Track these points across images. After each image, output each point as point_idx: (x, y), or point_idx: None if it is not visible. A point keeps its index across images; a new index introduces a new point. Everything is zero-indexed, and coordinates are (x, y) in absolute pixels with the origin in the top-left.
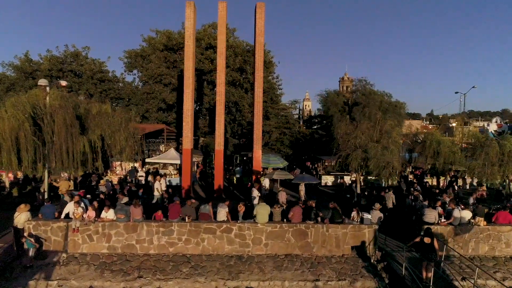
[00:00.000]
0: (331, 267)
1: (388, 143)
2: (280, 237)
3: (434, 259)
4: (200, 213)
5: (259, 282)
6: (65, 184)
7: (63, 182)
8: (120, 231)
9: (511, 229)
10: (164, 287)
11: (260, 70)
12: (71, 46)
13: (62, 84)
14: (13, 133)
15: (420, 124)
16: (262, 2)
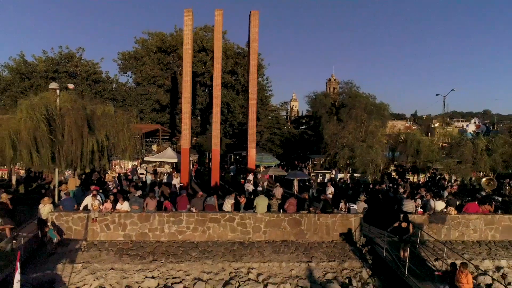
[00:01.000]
0: (322, 251)
1: (373, 143)
2: (277, 226)
3: (409, 240)
4: (206, 204)
5: (260, 264)
6: (73, 181)
7: (71, 180)
8: (134, 220)
9: (477, 217)
10: (176, 268)
11: (254, 74)
12: (64, 47)
13: (70, 87)
14: (31, 133)
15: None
16: (256, 11)
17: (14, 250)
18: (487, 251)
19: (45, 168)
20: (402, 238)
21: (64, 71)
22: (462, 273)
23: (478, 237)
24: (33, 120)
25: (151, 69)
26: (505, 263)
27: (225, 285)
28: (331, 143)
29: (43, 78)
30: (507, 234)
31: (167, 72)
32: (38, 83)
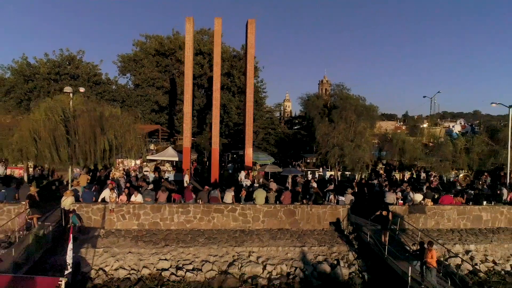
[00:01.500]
0: (314, 237)
1: (361, 142)
2: (274, 215)
3: (388, 227)
4: (210, 196)
5: (259, 248)
6: (84, 178)
7: (83, 176)
8: (147, 211)
9: (451, 208)
10: (186, 252)
11: (251, 78)
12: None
13: (81, 90)
14: (51, 133)
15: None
16: (253, 19)
17: (46, 235)
18: (458, 237)
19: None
20: (385, 226)
21: (66, 73)
22: (428, 250)
23: (451, 226)
24: (51, 122)
25: (151, 72)
26: (473, 247)
27: (229, 266)
28: (322, 142)
29: (46, 80)
30: (476, 223)
31: (165, 74)
32: (41, 85)
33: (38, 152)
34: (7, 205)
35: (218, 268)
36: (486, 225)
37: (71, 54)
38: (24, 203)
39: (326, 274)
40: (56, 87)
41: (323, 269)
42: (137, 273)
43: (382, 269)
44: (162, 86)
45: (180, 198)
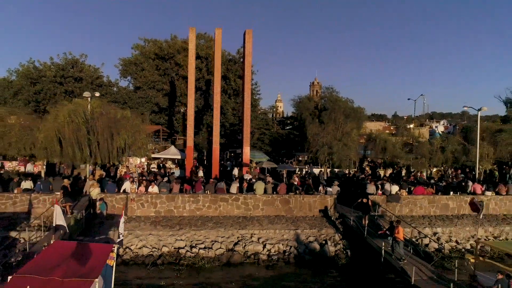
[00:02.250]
0: (306, 222)
1: (348, 141)
2: (271, 204)
3: (368, 212)
4: (217, 188)
5: (259, 231)
6: (99, 173)
7: (98, 171)
8: (163, 200)
9: (423, 197)
10: (198, 234)
11: (248, 83)
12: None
13: (96, 95)
14: (74, 133)
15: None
16: (250, 29)
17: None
18: (428, 222)
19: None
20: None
21: (70, 76)
22: (396, 227)
23: (423, 213)
24: (75, 123)
25: (151, 75)
26: (440, 230)
27: (235, 245)
28: (313, 142)
29: (51, 82)
30: (444, 210)
31: (165, 77)
32: (48, 87)
33: (62, 150)
34: (43, 195)
35: (225, 246)
36: (452, 212)
37: (74, 58)
38: (59, 193)
39: (316, 251)
40: (61, 90)
41: (313, 247)
42: (158, 251)
43: (362, 246)
44: (162, 89)
45: (190, 189)
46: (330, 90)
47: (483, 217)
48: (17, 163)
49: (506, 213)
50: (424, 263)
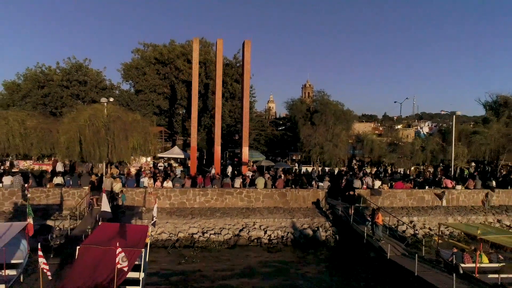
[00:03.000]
0: (301, 212)
1: (338, 142)
2: (271, 197)
3: (354, 203)
4: (223, 183)
5: (261, 219)
6: (114, 170)
7: (113, 169)
8: (176, 194)
9: (402, 191)
10: (208, 222)
11: (247, 89)
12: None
13: (111, 100)
14: (94, 135)
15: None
16: (249, 40)
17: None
18: (406, 212)
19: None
20: (351, 202)
21: (75, 79)
22: (376, 214)
23: (402, 204)
24: (95, 126)
25: (153, 79)
26: (416, 218)
27: (240, 231)
28: (306, 142)
29: (58, 86)
30: (420, 202)
31: (165, 81)
32: (55, 91)
33: (82, 150)
34: (72, 189)
35: (232, 232)
36: (427, 204)
37: (78, 62)
38: (87, 187)
39: (309, 236)
40: (67, 93)
41: (307, 233)
42: (175, 236)
43: (348, 231)
44: (163, 92)
45: (202, 182)
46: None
47: (453, 208)
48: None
49: (474, 205)
50: (398, 243)
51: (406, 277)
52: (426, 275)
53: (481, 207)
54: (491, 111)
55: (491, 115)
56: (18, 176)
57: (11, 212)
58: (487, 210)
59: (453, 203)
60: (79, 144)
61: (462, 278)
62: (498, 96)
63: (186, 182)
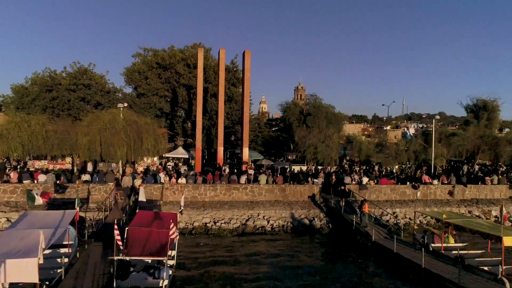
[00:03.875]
0: (298, 205)
1: (330, 143)
2: (272, 192)
3: (344, 197)
4: (230, 179)
5: (264, 211)
6: (129, 169)
7: (128, 168)
8: (190, 189)
9: (386, 186)
10: (218, 213)
11: (247, 95)
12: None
13: (125, 105)
14: (114, 137)
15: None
16: (249, 50)
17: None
18: (390, 204)
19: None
20: (342, 196)
21: (81, 83)
22: (363, 204)
23: (386, 198)
24: (114, 129)
25: (155, 83)
26: (398, 210)
27: (246, 221)
28: (300, 143)
29: (66, 90)
30: (402, 196)
31: (167, 85)
32: (63, 94)
33: (102, 151)
34: (98, 185)
35: (239, 222)
36: (408, 198)
37: (82, 67)
38: (111, 184)
39: (306, 225)
40: (75, 96)
41: (304, 222)
42: (190, 225)
43: (340, 220)
44: (164, 95)
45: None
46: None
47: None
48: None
49: (449, 198)
50: (382, 229)
51: (387, 254)
52: (403, 252)
53: (455, 200)
54: (472, 113)
55: (472, 117)
56: (51, 174)
57: (46, 205)
58: (459, 203)
59: (431, 197)
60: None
61: (430, 254)
62: (478, 99)
63: (198, 179)
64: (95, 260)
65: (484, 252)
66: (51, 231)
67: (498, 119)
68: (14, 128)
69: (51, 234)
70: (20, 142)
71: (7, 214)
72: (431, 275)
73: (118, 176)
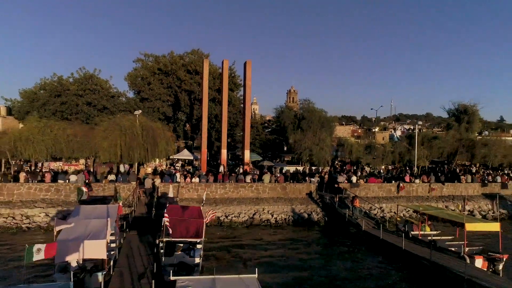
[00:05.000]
0: (298, 201)
1: (323, 146)
2: (274, 189)
3: (338, 193)
4: (238, 179)
5: (268, 206)
6: (143, 170)
7: (142, 169)
8: (202, 187)
9: (374, 184)
10: (228, 208)
11: (249, 101)
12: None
13: (139, 112)
14: (133, 141)
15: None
16: (250, 60)
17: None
18: (377, 200)
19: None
20: (336, 193)
21: (88, 88)
22: (355, 199)
23: (374, 195)
24: (133, 133)
25: (158, 88)
26: (384, 205)
27: (253, 215)
28: (297, 146)
29: (74, 95)
30: (388, 193)
31: (169, 90)
32: (71, 99)
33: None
34: (122, 184)
35: (247, 216)
36: (393, 194)
37: (88, 72)
38: (134, 183)
39: (305, 218)
40: (82, 101)
41: (303, 216)
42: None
43: (334, 214)
44: (167, 100)
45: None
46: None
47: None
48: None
49: (428, 195)
50: (370, 221)
51: (375, 241)
52: (387, 238)
53: (434, 196)
54: (453, 117)
55: (453, 121)
56: (81, 174)
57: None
58: (437, 199)
59: (413, 194)
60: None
61: (410, 240)
62: (459, 104)
63: (210, 178)
64: (137, 244)
65: (453, 238)
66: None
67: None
68: (38, 133)
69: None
70: (45, 145)
71: (45, 209)
72: (409, 255)
73: (141, 176)
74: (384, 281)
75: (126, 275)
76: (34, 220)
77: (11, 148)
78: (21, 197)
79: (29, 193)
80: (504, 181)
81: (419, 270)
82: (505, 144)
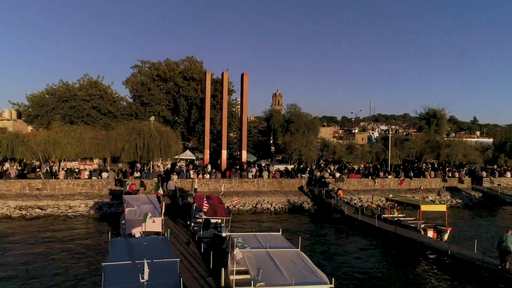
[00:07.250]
0: (291, 193)
1: (311, 147)
2: (272, 184)
3: (325, 186)
4: (242, 175)
5: (267, 198)
6: (157, 168)
7: (156, 167)
8: (211, 182)
9: (355, 179)
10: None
11: (246, 107)
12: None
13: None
14: (151, 143)
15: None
16: (247, 73)
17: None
18: (357, 193)
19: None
20: (323, 186)
21: (93, 94)
22: (339, 190)
23: (354, 188)
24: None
25: (158, 93)
26: (363, 196)
27: (256, 204)
28: (288, 147)
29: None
30: (366, 187)
31: (169, 95)
32: (79, 104)
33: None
34: (146, 180)
35: (251, 205)
36: (371, 188)
37: (92, 79)
38: (155, 178)
39: (298, 206)
40: (89, 105)
41: (297, 205)
42: None
43: (322, 204)
44: (167, 104)
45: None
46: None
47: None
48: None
49: (399, 187)
50: (352, 208)
51: (354, 222)
52: (364, 219)
53: (405, 189)
54: (424, 120)
55: (424, 124)
56: (112, 171)
57: (108, 195)
58: (406, 191)
59: (387, 187)
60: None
61: (381, 220)
62: (429, 109)
63: (218, 175)
64: (172, 225)
65: (414, 218)
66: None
67: (445, 125)
68: (64, 136)
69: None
70: (71, 147)
71: (84, 201)
72: (380, 230)
73: (162, 173)
74: (362, 250)
75: (177, 244)
76: (76, 209)
77: (43, 149)
78: (62, 191)
79: (68, 187)
80: (461, 176)
81: (388, 240)
82: (465, 145)
